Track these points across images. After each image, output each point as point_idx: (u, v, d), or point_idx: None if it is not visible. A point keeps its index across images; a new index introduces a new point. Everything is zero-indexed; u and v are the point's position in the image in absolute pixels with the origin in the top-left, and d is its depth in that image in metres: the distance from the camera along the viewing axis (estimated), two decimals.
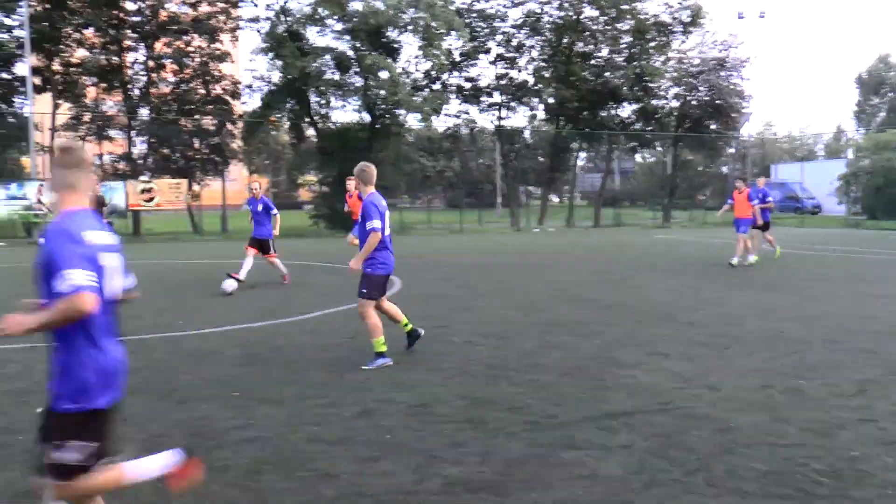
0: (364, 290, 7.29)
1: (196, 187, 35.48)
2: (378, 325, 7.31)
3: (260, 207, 13.99)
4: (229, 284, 12.63)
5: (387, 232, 7.37)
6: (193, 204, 34.75)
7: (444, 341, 8.55)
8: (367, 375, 6.92)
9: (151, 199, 31.72)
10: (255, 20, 35.38)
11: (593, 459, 4.75)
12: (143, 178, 33.13)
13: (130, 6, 34.66)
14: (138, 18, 34.77)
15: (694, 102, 43.01)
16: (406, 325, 7.81)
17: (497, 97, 41.37)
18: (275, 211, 14.15)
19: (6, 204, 29.65)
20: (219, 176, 36.92)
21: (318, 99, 36.24)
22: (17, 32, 32.31)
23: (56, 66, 34.58)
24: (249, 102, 38.04)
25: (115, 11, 33.98)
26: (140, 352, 8.13)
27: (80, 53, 34.70)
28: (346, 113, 36.95)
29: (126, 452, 4.87)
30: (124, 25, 34.58)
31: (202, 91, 35.77)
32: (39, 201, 29.39)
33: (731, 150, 49.30)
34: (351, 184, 16.98)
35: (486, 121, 44.51)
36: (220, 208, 36.34)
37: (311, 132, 37.98)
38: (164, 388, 6.57)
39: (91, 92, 35.58)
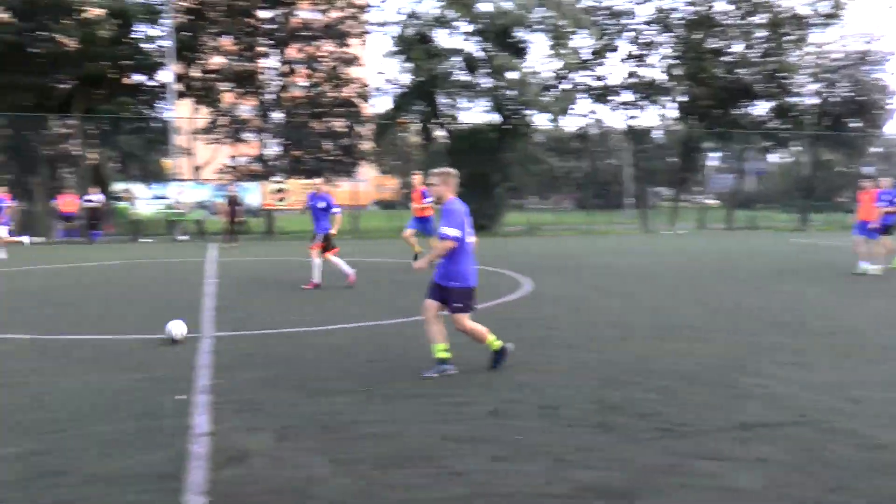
0: (458, 305, 6.95)
1: (327, 187, 36.43)
2: (481, 329, 7.06)
3: (322, 205, 13.78)
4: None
5: (468, 239, 7.03)
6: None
7: (573, 343, 8.47)
8: (496, 376, 6.91)
9: (284, 199, 32.74)
10: (384, 24, 36.09)
11: (727, 471, 4.56)
12: (275, 178, 34.23)
13: (264, 14, 35.95)
14: (272, 26, 36.01)
15: (833, 99, 41.06)
16: (445, 350, 7.07)
17: (626, 96, 40.66)
18: (336, 209, 13.88)
19: (151, 203, 31.31)
20: (349, 177, 37.81)
21: (446, 100, 36.60)
22: (159, 42, 34.06)
23: (195, 73, 36.25)
24: (379, 104, 38.83)
25: (249, 20, 35.33)
26: (273, 345, 8.43)
27: (217, 60, 36.27)
28: (474, 114, 37.19)
29: (262, 441, 5.07)
30: (258, 33, 35.88)
31: (332, 94, 36.71)
32: (179, 201, 30.92)
33: (877, 150, 46.81)
34: (417, 178, 17.03)
35: (615, 120, 43.82)
36: (351, 208, 37.21)
37: (440, 133, 38.39)
38: (297, 380, 6.76)
39: (227, 97, 37.08)
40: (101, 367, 7.37)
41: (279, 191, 32.77)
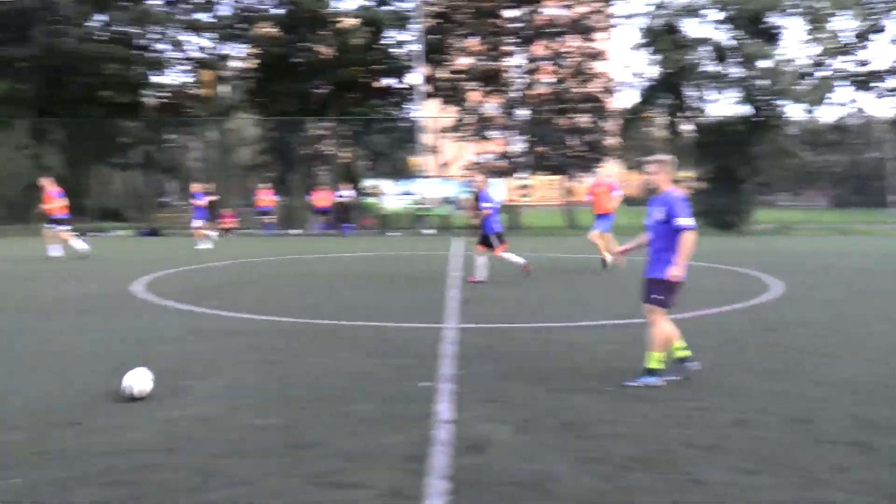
0: (661, 297, 6.47)
1: (571, 183, 36.52)
2: (663, 340, 6.49)
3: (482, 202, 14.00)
4: None
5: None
6: (568, 200, 35.83)
7: (826, 351, 7.88)
8: (743, 383, 6.57)
9: (528, 195, 33.14)
10: (630, 16, 35.49)
11: None
12: (520, 175, 34.70)
13: (510, 14, 36.51)
14: (517, 24, 36.48)
15: None
16: (683, 348, 6.71)
17: (894, 81, 37.13)
18: (483, 204, 13.93)
19: (399, 199, 32.86)
20: (593, 172, 37.58)
21: (694, 92, 35.40)
22: (409, 47, 35.66)
23: (442, 74, 37.55)
24: (625, 98, 38.28)
25: (495, 20, 36.04)
26: (516, 339, 8.57)
27: (464, 61, 37.34)
28: (723, 105, 35.68)
29: (503, 432, 5.16)
30: (504, 32, 36.50)
31: (577, 90, 36.62)
32: (426, 196, 32.20)
33: None
34: (605, 171, 16.30)
35: (879, 109, 40.19)
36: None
37: (687, 126, 37.22)
38: (539, 375, 6.82)
39: (473, 96, 38.04)
40: (353, 351, 7.86)
41: (524, 187, 33.19)
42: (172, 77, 39.47)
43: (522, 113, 36.99)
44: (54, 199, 19.51)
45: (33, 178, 20.93)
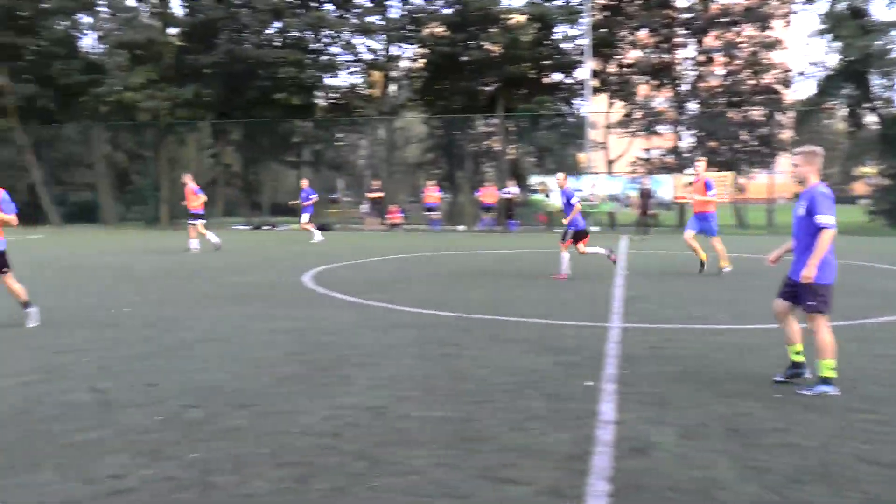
0: (814, 303, 6.08)
1: (742, 180, 35.15)
2: (831, 346, 6.07)
3: (565, 199, 14.06)
4: None
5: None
6: (738, 197, 34.51)
7: None
8: None
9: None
10: (811, 1, 33.71)
11: None
12: (689, 171, 33.71)
13: (681, 4, 35.52)
14: (689, 15, 35.44)
15: None
16: (798, 353, 6.37)
17: None
18: (573, 199, 13.96)
19: None
20: (766, 168, 36.03)
21: (881, 81, 33.20)
22: (578, 41, 35.38)
23: (611, 68, 37.00)
24: (802, 90, 36.49)
25: (666, 11, 35.15)
26: (681, 340, 8.33)
27: (633, 54, 36.65)
28: None
29: (667, 436, 5.04)
30: (675, 23, 35.55)
31: (751, 81, 35.20)
32: (592, 193, 31.82)
33: None
34: (700, 165, 15.45)
35: None
36: (767, 202, 35.50)
37: (870, 119, 34.99)
38: (705, 378, 6.61)
39: (642, 90, 37.29)
40: (519, 347, 7.90)
41: (692, 183, 32.24)
42: (343, 78, 40.99)
43: (693, 107, 35.97)
44: (193, 196, 20.70)
45: (214, 175, 22.27)
